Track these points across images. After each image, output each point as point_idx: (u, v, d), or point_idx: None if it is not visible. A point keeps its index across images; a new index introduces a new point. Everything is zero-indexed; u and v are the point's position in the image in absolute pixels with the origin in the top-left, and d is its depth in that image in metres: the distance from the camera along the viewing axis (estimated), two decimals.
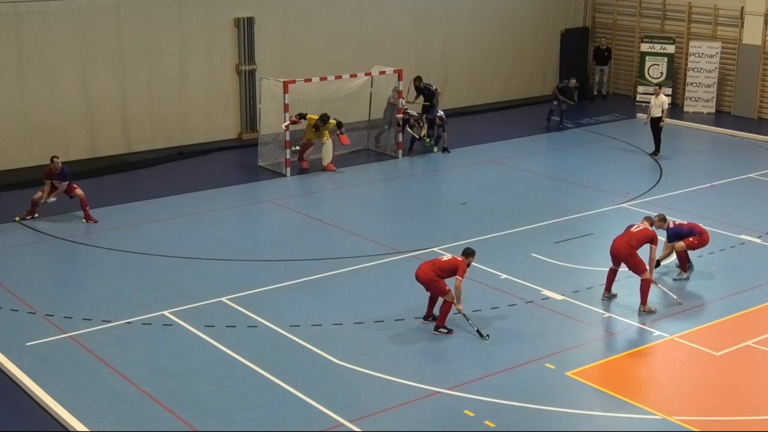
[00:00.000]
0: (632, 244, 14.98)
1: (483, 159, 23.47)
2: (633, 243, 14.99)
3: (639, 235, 15.12)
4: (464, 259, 14.32)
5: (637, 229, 15.27)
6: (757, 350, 13.92)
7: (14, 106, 22.23)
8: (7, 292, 15.57)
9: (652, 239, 15.16)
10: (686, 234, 16.37)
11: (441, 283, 14.15)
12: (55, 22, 22.42)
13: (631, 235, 15.12)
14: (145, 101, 23.89)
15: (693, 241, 16.31)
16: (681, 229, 16.47)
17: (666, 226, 16.35)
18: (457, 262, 14.24)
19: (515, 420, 11.94)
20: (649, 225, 15.51)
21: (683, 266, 16.40)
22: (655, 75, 29.81)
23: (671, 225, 16.42)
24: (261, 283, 16.05)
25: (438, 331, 14.19)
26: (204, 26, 24.56)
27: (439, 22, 28.73)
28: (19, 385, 12.69)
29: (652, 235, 15.21)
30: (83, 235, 18.27)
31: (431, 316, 14.51)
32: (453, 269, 14.14)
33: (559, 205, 20.15)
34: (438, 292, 14.24)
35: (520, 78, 30.87)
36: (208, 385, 12.69)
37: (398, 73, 23.74)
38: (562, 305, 15.26)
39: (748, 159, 24.28)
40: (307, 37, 26.06)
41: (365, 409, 12.14)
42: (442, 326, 14.22)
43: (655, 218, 16.22)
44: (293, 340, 13.96)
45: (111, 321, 14.53)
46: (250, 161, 23.34)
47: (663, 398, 12.54)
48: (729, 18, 28.80)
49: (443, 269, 14.20)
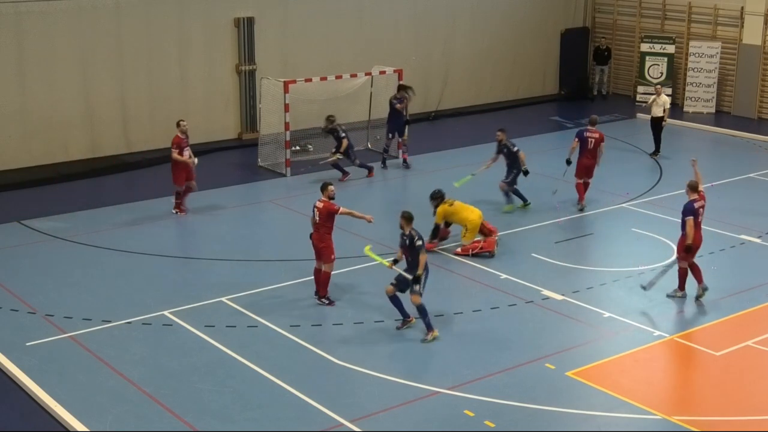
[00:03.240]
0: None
1: (483, 159, 23.40)
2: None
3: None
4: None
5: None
6: (757, 350, 13.92)
7: (14, 106, 22.24)
8: (7, 292, 15.57)
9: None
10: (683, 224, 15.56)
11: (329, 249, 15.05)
12: (55, 22, 22.43)
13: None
14: (145, 101, 23.90)
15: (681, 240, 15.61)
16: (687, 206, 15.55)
17: (689, 195, 15.57)
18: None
19: (515, 420, 11.94)
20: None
21: (681, 284, 15.68)
22: (655, 75, 29.81)
23: (690, 198, 15.55)
24: (261, 283, 16.05)
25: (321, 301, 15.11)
26: (204, 26, 24.56)
27: (439, 22, 28.74)
28: (19, 385, 12.69)
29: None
30: (83, 235, 18.27)
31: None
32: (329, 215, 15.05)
33: (559, 205, 20.15)
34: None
35: (520, 78, 30.87)
36: (208, 385, 12.69)
37: (398, 73, 23.74)
38: (562, 305, 15.25)
39: (748, 159, 24.28)
40: (307, 37, 26.06)
41: (365, 409, 12.14)
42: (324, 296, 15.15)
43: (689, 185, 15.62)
44: (293, 340, 13.97)
45: (111, 321, 14.53)
46: (250, 161, 23.35)
47: (663, 398, 12.54)
48: (729, 18, 28.80)
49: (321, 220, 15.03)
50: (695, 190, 15.50)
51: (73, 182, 21.81)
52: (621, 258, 17.60)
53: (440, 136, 26.60)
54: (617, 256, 17.80)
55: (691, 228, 15.20)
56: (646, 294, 15.71)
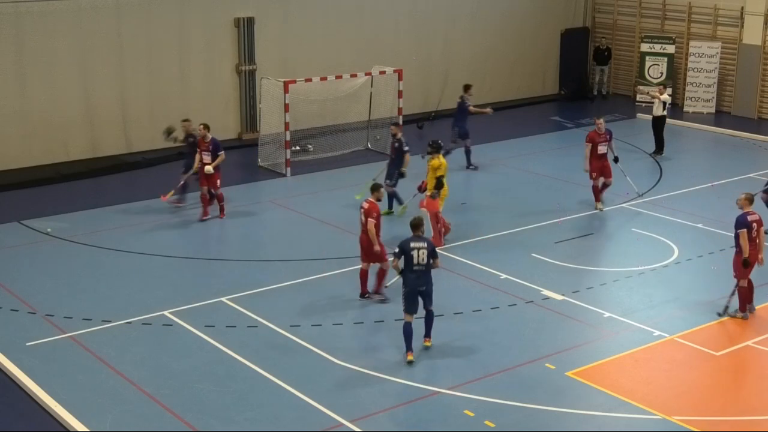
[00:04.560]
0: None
1: (483, 159, 23.45)
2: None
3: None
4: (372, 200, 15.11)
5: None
6: (757, 350, 13.92)
7: (14, 106, 22.24)
8: (7, 292, 15.57)
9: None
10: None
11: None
12: (55, 22, 22.42)
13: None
14: (145, 101, 23.89)
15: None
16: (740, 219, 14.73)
17: (743, 208, 14.79)
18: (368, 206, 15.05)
19: (515, 420, 11.94)
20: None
21: (741, 305, 14.87)
22: (655, 75, 29.81)
23: (743, 211, 14.76)
24: (261, 283, 16.05)
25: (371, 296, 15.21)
26: (204, 26, 24.56)
27: (439, 22, 28.73)
28: (19, 385, 12.69)
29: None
30: (83, 235, 18.26)
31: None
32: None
33: (559, 205, 20.14)
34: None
35: (520, 78, 30.87)
36: (208, 385, 12.69)
37: (398, 73, 23.74)
38: (562, 305, 15.25)
39: (748, 159, 24.27)
40: (307, 37, 26.05)
41: (365, 409, 12.14)
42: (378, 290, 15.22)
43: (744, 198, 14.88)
44: (293, 340, 13.97)
45: (111, 321, 14.53)
46: (250, 161, 23.35)
47: (663, 398, 12.54)
48: (729, 18, 28.79)
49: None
50: (751, 203, 14.80)
51: (73, 182, 21.81)
52: (621, 258, 17.60)
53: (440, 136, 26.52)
54: (617, 256, 17.80)
55: (745, 241, 14.44)
56: (646, 294, 15.73)
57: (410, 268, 13.34)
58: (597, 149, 19.63)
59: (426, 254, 13.32)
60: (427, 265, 13.36)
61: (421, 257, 13.29)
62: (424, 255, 13.31)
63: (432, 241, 13.96)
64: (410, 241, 13.44)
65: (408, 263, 13.33)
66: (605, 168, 19.78)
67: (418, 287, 13.36)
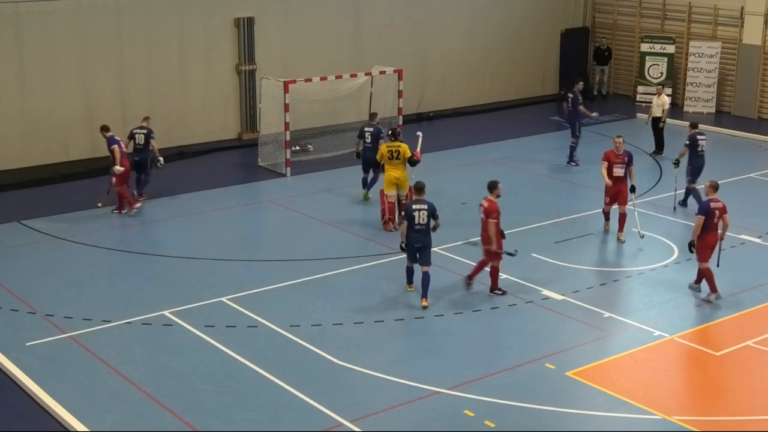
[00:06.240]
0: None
1: (483, 159, 23.45)
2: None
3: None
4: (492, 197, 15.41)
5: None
6: (757, 350, 13.92)
7: (14, 106, 22.24)
8: (7, 292, 15.57)
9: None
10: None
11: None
12: (55, 22, 22.42)
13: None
14: (145, 101, 23.86)
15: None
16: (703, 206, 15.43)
17: (707, 195, 15.49)
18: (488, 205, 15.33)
19: (515, 420, 11.94)
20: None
21: (711, 287, 15.49)
22: (655, 75, 29.80)
23: (706, 197, 15.52)
24: (261, 283, 16.05)
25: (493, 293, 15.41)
26: (204, 26, 24.56)
27: (439, 22, 28.72)
28: (19, 385, 12.69)
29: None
30: (83, 235, 18.26)
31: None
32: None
33: (559, 205, 20.14)
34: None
35: (520, 78, 30.86)
36: (208, 385, 12.69)
37: (398, 73, 23.73)
38: (562, 305, 15.25)
39: (748, 159, 24.27)
40: (307, 37, 26.06)
41: (365, 409, 12.13)
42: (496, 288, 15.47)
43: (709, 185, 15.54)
44: (293, 340, 13.96)
45: (111, 321, 14.52)
46: (250, 161, 23.35)
47: (663, 398, 12.54)
48: (729, 18, 28.79)
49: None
50: (715, 190, 15.50)
51: (73, 182, 21.80)
52: (621, 258, 17.60)
53: (440, 136, 26.57)
54: (617, 256, 17.80)
55: (698, 227, 15.19)
56: (646, 294, 15.74)
57: (412, 228, 14.76)
58: (612, 171, 17.85)
59: (426, 215, 14.73)
60: (427, 225, 14.76)
61: (421, 218, 14.71)
62: (425, 216, 14.72)
63: (431, 204, 14.93)
64: (413, 203, 14.88)
65: (410, 223, 14.74)
66: (620, 194, 17.89)
67: (416, 244, 14.83)
